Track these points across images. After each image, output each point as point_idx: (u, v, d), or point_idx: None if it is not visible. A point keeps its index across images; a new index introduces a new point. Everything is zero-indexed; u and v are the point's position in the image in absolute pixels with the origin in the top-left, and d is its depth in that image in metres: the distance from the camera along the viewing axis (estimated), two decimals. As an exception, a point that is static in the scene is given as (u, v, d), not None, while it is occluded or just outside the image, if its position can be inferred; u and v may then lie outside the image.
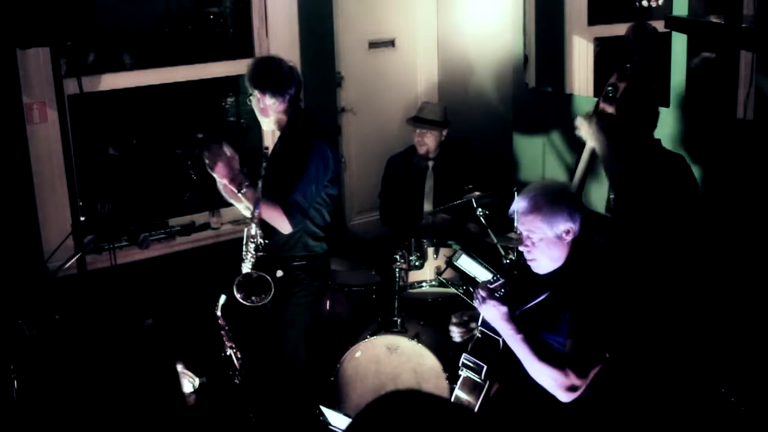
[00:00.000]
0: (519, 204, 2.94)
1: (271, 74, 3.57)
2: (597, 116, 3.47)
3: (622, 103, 3.43)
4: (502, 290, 2.86)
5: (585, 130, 3.50)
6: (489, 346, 2.95)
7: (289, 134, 3.64)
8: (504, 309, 2.82)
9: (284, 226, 3.49)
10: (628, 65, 3.40)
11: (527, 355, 2.79)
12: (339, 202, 5.65)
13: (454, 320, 3.19)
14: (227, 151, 3.39)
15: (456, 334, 3.16)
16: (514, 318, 2.83)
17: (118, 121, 5.14)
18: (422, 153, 5.02)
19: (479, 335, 3.01)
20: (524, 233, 2.92)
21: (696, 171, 3.99)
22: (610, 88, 3.42)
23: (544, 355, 2.78)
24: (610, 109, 3.44)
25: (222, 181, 3.44)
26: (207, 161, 3.40)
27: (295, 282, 3.64)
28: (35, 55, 4.33)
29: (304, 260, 3.64)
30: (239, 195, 3.43)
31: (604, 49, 5.65)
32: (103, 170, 4.89)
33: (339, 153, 3.65)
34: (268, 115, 3.61)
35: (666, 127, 4.37)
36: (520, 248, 2.97)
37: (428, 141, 4.98)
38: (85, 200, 4.70)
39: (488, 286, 2.88)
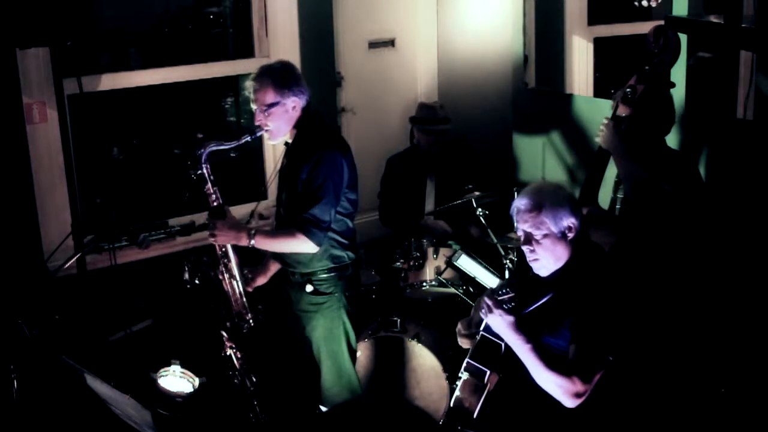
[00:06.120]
0: (521, 202, 2.92)
1: (291, 74, 3.46)
2: (615, 120, 3.45)
3: (639, 105, 3.43)
4: (512, 303, 2.84)
5: (603, 135, 3.48)
6: (491, 351, 2.95)
7: (297, 144, 3.50)
8: (511, 319, 2.82)
9: (308, 247, 3.38)
10: (647, 67, 3.39)
11: (534, 364, 2.79)
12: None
13: (462, 331, 3.19)
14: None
15: (464, 344, 3.19)
16: (521, 327, 2.83)
17: (118, 121, 5.14)
18: (435, 151, 5.02)
19: (480, 339, 3.01)
20: (528, 231, 2.91)
21: (696, 171, 3.99)
22: (628, 90, 3.41)
23: (550, 362, 2.78)
24: (627, 111, 3.43)
25: (229, 242, 3.43)
26: (210, 238, 3.41)
27: (325, 296, 3.52)
28: (35, 55, 4.33)
29: (333, 272, 3.52)
30: (252, 245, 3.38)
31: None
32: (103, 170, 4.89)
33: (348, 152, 3.56)
34: (297, 116, 3.46)
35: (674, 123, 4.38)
36: (523, 248, 2.95)
37: (440, 139, 5.00)
38: (85, 200, 4.70)
39: (496, 297, 2.87)
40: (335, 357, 3.59)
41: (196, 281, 3.45)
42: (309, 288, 3.50)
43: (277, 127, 3.45)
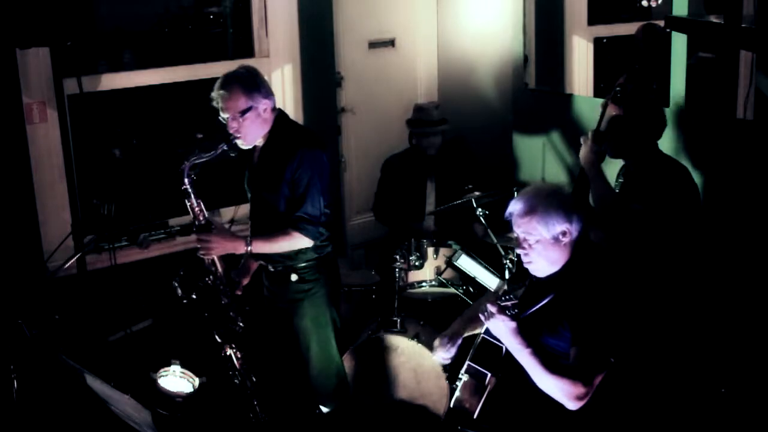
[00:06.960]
0: (514, 207, 2.94)
1: (257, 77, 3.46)
2: (593, 139, 3.45)
3: (630, 105, 3.42)
4: (515, 310, 2.85)
5: (581, 152, 3.49)
6: (492, 353, 2.95)
7: (272, 145, 3.51)
8: (513, 324, 2.81)
9: (304, 243, 3.44)
10: (637, 66, 3.38)
11: (535, 368, 2.78)
12: (338, 203, 5.66)
13: (443, 355, 3.34)
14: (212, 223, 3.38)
15: (442, 360, 3.37)
16: (521, 330, 2.83)
17: (118, 121, 5.14)
18: (433, 153, 5.02)
19: (481, 342, 3.01)
20: (521, 236, 2.92)
21: (695, 172, 4.00)
22: (618, 88, 3.40)
23: (551, 366, 2.78)
24: (617, 110, 3.42)
25: (225, 253, 3.42)
26: (201, 254, 3.39)
27: (310, 283, 3.56)
28: (35, 55, 4.33)
29: (314, 260, 3.56)
30: (249, 251, 3.39)
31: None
32: (103, 170, 4.89)
33: (326, 148, 3.58)
34: (270, 119, 3.47)
35: (666, 127, 4.38)
36: (518, 251, 2.97)
37: (436, 141, 5.00)
38: (85, 200, 4.69)
39: (499, 303, 2.86)
40: (324, 343, 3.62)
41: (193, 296, 3.45)
42: (294, 277, 3.53)
43: (252, 132, 3.44)
